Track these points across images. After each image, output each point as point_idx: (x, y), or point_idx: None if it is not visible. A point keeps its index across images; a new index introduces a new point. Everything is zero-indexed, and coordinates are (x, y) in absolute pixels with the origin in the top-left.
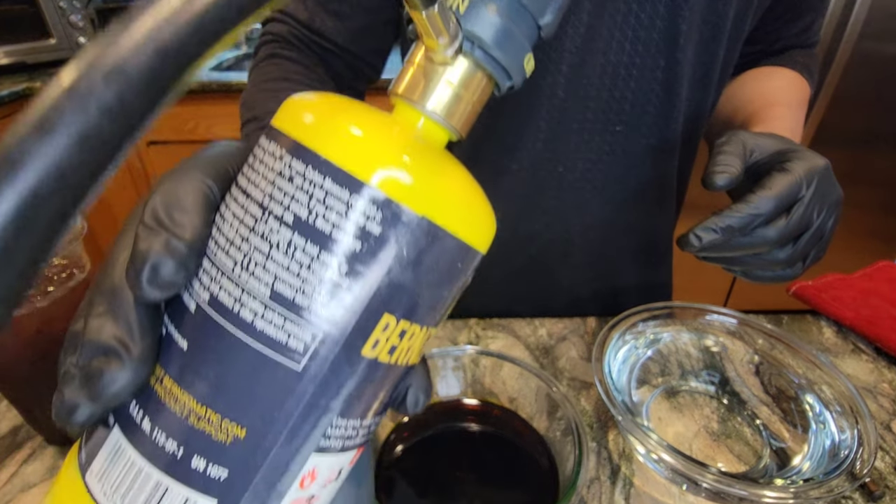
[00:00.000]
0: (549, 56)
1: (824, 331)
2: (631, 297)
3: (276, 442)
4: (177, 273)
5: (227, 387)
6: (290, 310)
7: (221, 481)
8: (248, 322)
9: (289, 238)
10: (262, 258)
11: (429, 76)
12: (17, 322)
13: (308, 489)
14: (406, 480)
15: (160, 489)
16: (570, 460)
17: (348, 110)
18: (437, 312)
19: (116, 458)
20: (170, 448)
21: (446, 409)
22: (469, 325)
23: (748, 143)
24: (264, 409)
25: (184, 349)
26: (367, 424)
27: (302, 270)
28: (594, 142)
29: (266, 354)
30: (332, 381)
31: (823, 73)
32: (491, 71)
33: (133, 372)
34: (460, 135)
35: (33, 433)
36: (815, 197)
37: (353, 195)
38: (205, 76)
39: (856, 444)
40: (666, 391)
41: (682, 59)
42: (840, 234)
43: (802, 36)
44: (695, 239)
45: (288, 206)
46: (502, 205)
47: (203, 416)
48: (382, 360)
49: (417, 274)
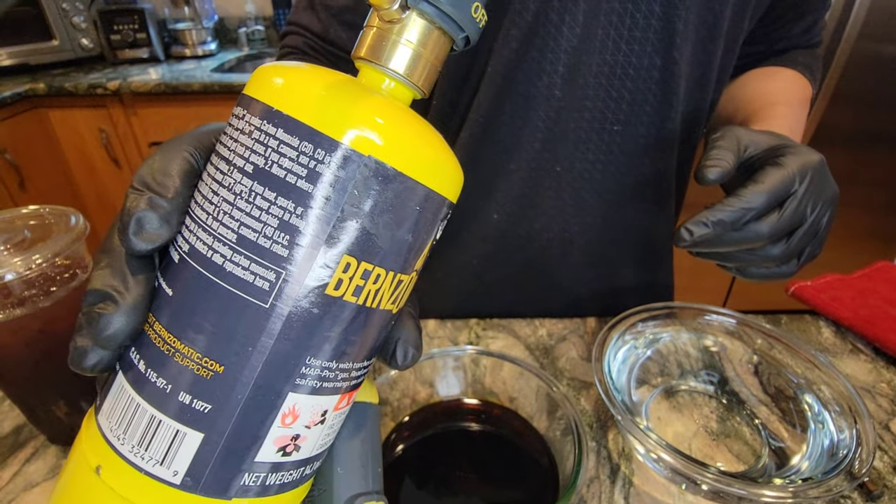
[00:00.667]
0: (545, 56)
1: (823, 331)
2: (632, 298)
3: (252, 377)
4: (160, 227)
5: (204, 327)
6: (253, 252)
7: (206, 414)
8: (219, 265)
9: (249, 186)
10: (229, 207)
11: (385, 37)
12: (19, 322)
13: (291, 427)
14: (407, 479)
15: (154, 423)
16: (569, 460)
17: (318, 75)
18: (402, 257)
19: (119, 397)
20: (160, 385)
21: (447, 408)
22: (469, 325)
23: (742, 139)
24: (239, 346)
25: (170, 296)
26: (347, 368)
27: (262, 215)
28: (592, 141)
29: (237, 294)
30: (299, 319)
31: (823, 74)
32: (440, 24)
33: (126, 315)
34: (423, 92)
35: (36, 432)
36: (809, 192)
37: (303, 141)
38: (206, 77)
39: (854, 444)
40: (665, 391)
41: (679, 59)
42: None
43: (804, 36)
44: (686, 233)
45: (248, 157)
46: (501, 205)
47: (186, 355)
48: (349, 300)
49: (373, 214)
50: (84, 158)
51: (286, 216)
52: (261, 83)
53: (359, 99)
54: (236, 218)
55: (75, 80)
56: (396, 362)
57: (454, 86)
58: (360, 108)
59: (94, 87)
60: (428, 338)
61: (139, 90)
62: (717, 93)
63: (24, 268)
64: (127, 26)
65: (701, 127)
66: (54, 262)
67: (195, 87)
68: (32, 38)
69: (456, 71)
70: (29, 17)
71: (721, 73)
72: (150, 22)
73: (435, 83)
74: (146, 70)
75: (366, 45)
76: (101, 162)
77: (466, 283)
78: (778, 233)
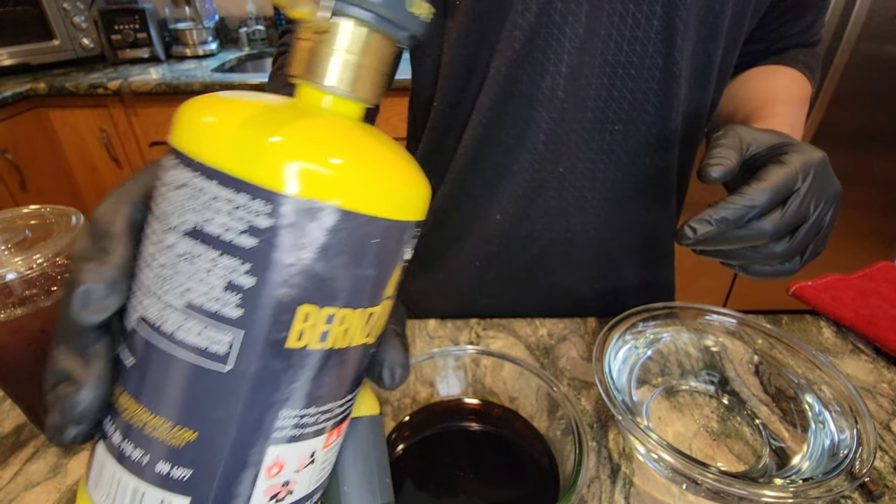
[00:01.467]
0: (548, 57)
1: (824, 331)
2: (634, 297)
3: (226, 440)
4: (107, 297)
5: (169, 396)
6: (204, 316)
7: (187, 481)
8: (171, 333)
9: (188, 247)
10: (172, 270)
11: (317, 50)
12: (20, 321)
13: (279, 476)
14: (407, 479)
15: (139, 493)
16: (570, 459)
17: (235, 109)
18: (367, 292)
19: (103, 468)
20: (137, 456)
21: (447, 408)
22: (470, 324)
23: (745, 138)
24: (206, 412)
25: (131, 366)
26: (328, 409)
27: (207, 277)
28: (594, 141)
29: (194, 362)
30: (264, 377)
31: (823, 74)
32: (376, 26)
33: (91, 391)
34: (370, 101)
35: (37, 432)
36: (812, 189)
37: (236, 193)
38: (207, 77)
39: (855, 444)
40: (666, 391)
41: (680, 59)
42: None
43: (804, 35)
44: (689, 231)
45: (181, 215)
46: (503, 206)
47: (157, 425)
48: (314, 348)
49: (326, 259)
50: (85, 158)
51: (232, 276)
52: (181, 129)
53: (292, 131)
54: (180, 282)
55: (76, 80)
56: (384, 384)
57: (456, 87)
58: (294, 142)
59: (94, 86)
60: (428, 338)
61: (140, 90)
62: (718, 92)
63: (24, 267)
64: (128, 26)
65: (702, 126)
66: (55, 261)
67: (196, 86)
68: (33, 38)
69: (458, 72)
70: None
71: (722, 73)
72: (150, 22)
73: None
74: (147, 70)
75: (298, 62)
76: (101, 162)
77: (468, 283)
78: (781, 230)
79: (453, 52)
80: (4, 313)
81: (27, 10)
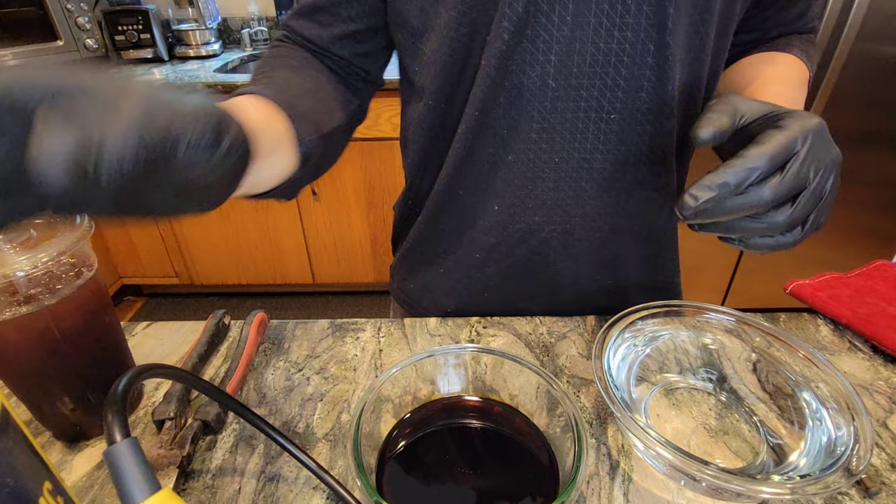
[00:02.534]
0: (537, 47)
1: (821, 329)
2: (639, 295)
3: None
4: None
5: None
6: None
7: None
8: None
9: None
10: None
11: None
12: (26, 319)
13: None
14: (408, 476)
15: None
16: (569, 456)
17: None
18: None
19: None
20: None
21: (448, 405)
22: (470, 323)
23: (739, 106)
24: None
25: None
26: None
27: None
28: (589, 130)
29: None
30: None
31: (821, 74)
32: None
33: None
34: None
35: (42, 429)
36: (811, 154)
37: None
38: (210, 77)
39: (852, 441)
40: (664, 388)
41: (672, 43)
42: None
43: (798, 22)
44: (691, 199)
45: None
46: (500, 197)
47: None
48: None
49: None
50: None
51: None
52: None
53: None
54: None
55: None
56: None
57: (449, 82)
58: None
59: None
60: (429, 335)
61: None
62: (713, 78)
63: (30, 266)
64: (131, 27)
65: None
66: (60, 260)
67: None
68: (37, 39)
69: (451, 67)
70: (34, 18)
71: (715, 58)
72: (154, 22)
73: None
74: (150, 70)
75: None
76: None
77: (469, 276)
78: (781, 196)
79: (446, 48)
80: (10, 311)
81: (31, 10)
